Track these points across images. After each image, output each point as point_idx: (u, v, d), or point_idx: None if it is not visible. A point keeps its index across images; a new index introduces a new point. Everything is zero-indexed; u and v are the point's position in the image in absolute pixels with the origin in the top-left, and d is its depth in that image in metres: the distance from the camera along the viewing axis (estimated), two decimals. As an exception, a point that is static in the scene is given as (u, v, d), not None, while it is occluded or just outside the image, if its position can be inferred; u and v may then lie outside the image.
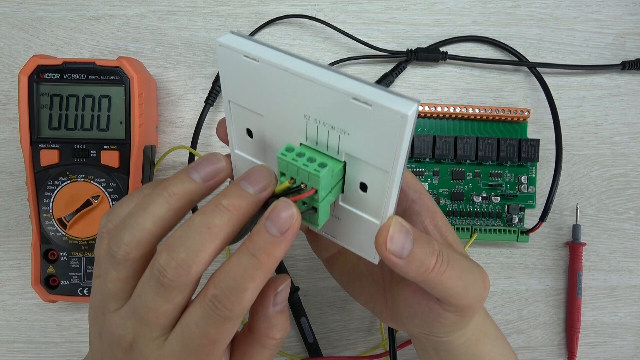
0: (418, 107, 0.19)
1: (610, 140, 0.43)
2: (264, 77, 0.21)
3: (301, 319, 0.40)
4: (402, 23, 0.42)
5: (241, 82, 0.22)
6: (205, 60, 0.41)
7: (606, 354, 0.43)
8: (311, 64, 0.20)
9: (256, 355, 0.23)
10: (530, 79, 0.43)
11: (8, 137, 0.40)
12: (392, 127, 0.19)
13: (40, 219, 0.36)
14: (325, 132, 0.21)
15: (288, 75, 0.20)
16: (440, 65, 0.42)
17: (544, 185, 0.42)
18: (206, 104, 0.40)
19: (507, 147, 0.41)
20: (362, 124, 0.20)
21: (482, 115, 0.41)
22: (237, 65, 0.21)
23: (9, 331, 0.40)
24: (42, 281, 0.37)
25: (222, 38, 0.21)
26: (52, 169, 0.36)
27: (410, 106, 0.19)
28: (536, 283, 0.43)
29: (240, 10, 0.41)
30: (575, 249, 0.42)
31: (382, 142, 0.20)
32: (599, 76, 0.43)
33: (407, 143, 0.20)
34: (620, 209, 0.43)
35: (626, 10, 0.43)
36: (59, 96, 0.36)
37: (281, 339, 0.23)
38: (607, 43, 0.43)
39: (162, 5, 0.41)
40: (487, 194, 0.42)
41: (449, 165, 0.42)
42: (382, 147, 0.20)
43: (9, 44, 0.40)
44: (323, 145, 0.22)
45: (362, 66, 0.42)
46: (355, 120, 0.20)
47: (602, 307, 0.43)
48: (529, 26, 0.43)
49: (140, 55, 0.41)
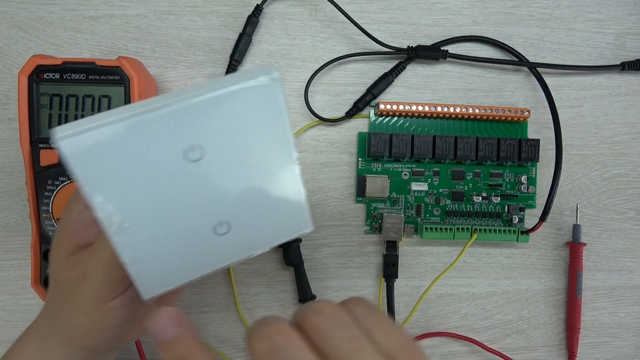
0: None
1: (610, 140, 0.43)
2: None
3: None
4: (402, 23, 0.42)
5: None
6: (205, 60, 0.41)
7: (606, 354, 0.43)
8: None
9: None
10: (530, 79, 0.43)
11: (8, 137, 0.40)
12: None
13: (40, 219, 0.36)
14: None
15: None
16: (440, 65, 0.42)
17: (544, 185, 0.42)
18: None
19: (507, 147, 0.41)
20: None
21: (482, 115, 0.41)
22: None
23: (9, 331, 0.40)
24: (42, 281, 0.37)
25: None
26: (52, 169, 0.36)
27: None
28: (536, 283, 0.43)
29: (240, 10, 0.41)
30: (575, 249, 0.42)
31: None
32: (599, 76, 0.43)
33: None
34: (620, 209, 0.43)
35: (626, 10, 0.43)
36: (58, 96, 0.36)
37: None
38: (607, 43, 0.43)
39: (162, 5, 0.41)
40: (487, 194, 0.42)
41: (449, 165, 0.42)
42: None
43: (8, 44, 0.40)
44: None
45: (362, 64, 0.42)
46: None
47: (602, 307, 0.43)
48: (529, 26, 0.43)
49: (140, 55, 0.41)
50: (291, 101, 0.42)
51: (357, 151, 0.42)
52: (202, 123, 0.21)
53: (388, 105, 0.40)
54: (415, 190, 0.41)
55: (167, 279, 0.23)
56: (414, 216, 0.41)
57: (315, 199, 0.41)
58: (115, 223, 0.21)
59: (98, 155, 0.20)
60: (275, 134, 0.23)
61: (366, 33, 0.40)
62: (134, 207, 0.21)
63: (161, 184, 0.21)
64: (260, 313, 0.41)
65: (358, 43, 0.42)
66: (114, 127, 0.20)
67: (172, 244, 0.23)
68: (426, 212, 0.41)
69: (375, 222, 0.41)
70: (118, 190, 0.21)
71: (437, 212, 0.41)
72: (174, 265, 0.23)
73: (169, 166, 0.21)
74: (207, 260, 0.24)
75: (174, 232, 0.23)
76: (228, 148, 0.22)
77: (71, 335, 0.27)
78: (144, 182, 0.21)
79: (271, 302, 0.41)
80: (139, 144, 0.20)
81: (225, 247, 0.24)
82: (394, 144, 0.40)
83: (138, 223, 0.22)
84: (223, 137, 0.22)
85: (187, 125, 0.21)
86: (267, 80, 0.21)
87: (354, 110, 0.41)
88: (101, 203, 0.21)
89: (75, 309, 0.26)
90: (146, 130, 0.20)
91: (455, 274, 0.42)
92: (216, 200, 0.23)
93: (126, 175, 0.21)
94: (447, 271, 0.39)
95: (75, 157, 0.20)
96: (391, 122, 0.42)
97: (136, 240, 0.22)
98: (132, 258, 0.22)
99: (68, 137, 0.19)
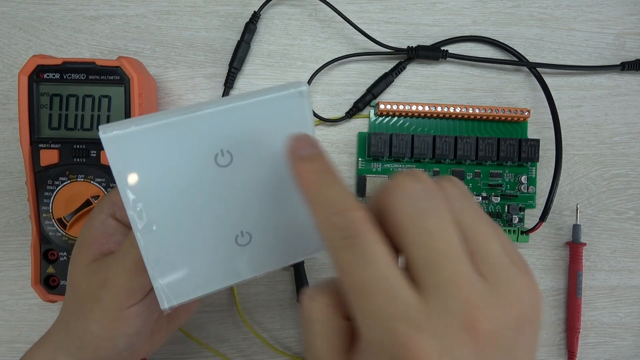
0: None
1: (610, 140, 0.43)
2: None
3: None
4: (402, 23, 0.42)
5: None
6: (205, 60, 0.41)
7: (606, 354, 0.43)
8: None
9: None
10: (530, 79, 0.43)
11: (8, 137, 0.40)
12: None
13: (40, 219, 0.36)
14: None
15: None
16: (440, 65, 0.42)
17: (544, 185, 0.42)
18: (225, 87, 0.40)
19: (507, 147, 0.41)
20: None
21: (482, 115, 0.41)
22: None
23: (9, 331, 0.40)
24: (42, 281, 0.37)
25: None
26: (52, 169, 0.36)
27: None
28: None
29: (240, 10, 0.41)
30: (575, 249, 0.42)
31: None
32: (599, 76, 0.43)
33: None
34: (620, 209, 0.43)
35: (626, 10, 0.43)
36: (58, 96, 0.36)
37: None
38: (607, 43, 0.43)
39: (162, 5, 0.41)
40: (487, 194, 0.42)
41: (449, 165, 0.42)
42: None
43: (9, 43, 0.40)
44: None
45: (362, 64, 0.42)
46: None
47: (602, 307, 0.43)
48: (529, 26, 0.43)
49: (140, 55, 0.41)
50: (291, 101, 0.42)
51: (357, 151, 0.42)
52: (234, 128, 0.22)
53: (388, 105, 0.40)
54: (415, 190, 0.41)
55: (186, 290, 0.24)
56: (414, 216, 0.41)
57: (315, 199, 0.41)
58: (144, 222, 0.22)
59: (136, 153, 0.21)
60: None
61: (365, 34, 0.40)
62: (162, 210, 0.22)
63: (190, 187, 0.22)
64: (260, 313, 0.41)
65: (358, 43, 0.42)
66: (154, 126, 0.21)
67: (194, 251, 0.23)
68: (426, 212, 0.41)
69: (375, 222, 0.41)
70: (151, 190, 0.22)
71: (437, 212, 0.41)
72: (194, 275, 0.24)
73: (199, 169, 0.22)
74: (225, 272, 0.24)
75: (198, 239, 0.23)
76: (255, 156, 0.23)
77: (83, 345, 0.27)
78: (174, 185, 0.22)
79: (271, 302, 0.41)
80: (173, 143, 0.22)
81: (244, 259, 0.24)
82: (394, 144, 0.40)
83: (165, 227, 0.22)
84: (251, 145, 0.23)
85: (220, 129, 0.22)
86: (296, 93, 0.23)
87: (354, 110, 0.41)
88: (133, 200, 0.22)
89: (92, 317, 0.26)
90: (181, 130, 0.22)
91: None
92: (240, 208, 0.23)
93: (160, 175, 0.22)
94: (447, 271, 0.39)
95: (114, 152, 0.21)
96: (391, 122, 0.42)
97: (161, 243, 0.23)
98: (155, 261, 0.23)
99: (109, 130, 0.21)
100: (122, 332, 0.26)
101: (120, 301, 0.26)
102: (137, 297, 0.26)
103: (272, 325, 0.41)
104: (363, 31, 0.40)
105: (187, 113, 0.21)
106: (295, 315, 0.41)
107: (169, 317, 0.31)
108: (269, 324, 0.41)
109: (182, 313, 0.32)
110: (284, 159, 0.22)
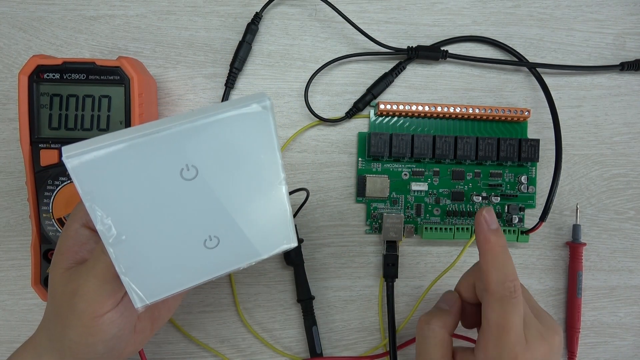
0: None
1: (610, 140, 0.43)
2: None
3: (313, 327, 0.40)
4: (402, 23, 0.42)
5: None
6: (205, 60, 0.41)
7: (606, 354, 0.43)
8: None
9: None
10: (530, 79, 0.43)
11: (8, 137, 0.40)
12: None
13: (40, 219, 0.36)
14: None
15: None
16: (440, 65, 0.42)
17: (544, 185, 0.42)
18: (226, 87, 0.41)
19: (507, 147, 0.41)
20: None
21: (482, 115, 0.41)
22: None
23: (9, 331, 0.40)
24: (42, 281, 0.37)
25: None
26: (52, 169, 0.36)
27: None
28: (536, 283, 0.43)
29: (240, 10, 0.41)
30: (575, 249, 0.42)
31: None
32: (598, 76, 0.43)
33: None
34: (620, 209, 0.43)
35: (626, 10, 0.43)
36: (59, 96, 0.36)
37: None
38: (607, 43, 0.43)
39: (162, 5, 0.41)
40: (487, 194, 0.42)
41: (449, 165, 0.42)
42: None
43: (9, 44, 0.40)
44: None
45: (362, 64, 0.42)
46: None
47: (602, 307, 0.43)
48: (529, 26, 0.43)
49: (140, 55, 0.41)
50: (291, 101, 0.42)
51: (357, 151, 0.42)
52: (198, 145, 0.23)
53: (388, 105, 0.40)
54: (415, 190, 0.41)
55: (157, 289, 0.25)
56: (414, 216, 0.41)
57: (315, 199, 0.41)
58: (113, 235, 0.23)
59: (100, 173, 0.22)
60: (265, 157, 0.25)
61: (365, 34, 0.40)
62: (131, 221, 0.23)
63: (157, 200, 0.23)
64: (260, 313, 0.41)
65: (358, 43, 0.42)
66: (117, 147, 0.22)
67: (164, 257, 0.25)
68: (426, 212, 0.41)
69: (375, 222, 0.41)
70: (117, 205, 0.23)
71: (437, 212, 0.42)
72: (165, 277, 0.25)
73: (165, 184, 0.23)
74: (196, 272, 0.26)
75: (167, 246, 0.24)
76: (221, 169, 0.24)
77: (64, 349, 0.28)
78: (141, 199, 0.23)
79: (271, 302, 0.41)
80: (138, 163, 0.22)
81: (213, 260, 0.26)
82: (394, 144, 0.40)
83: (134, 236, 0.23)
84: (216, 159, 0.24)
85: (184, 147, 0.23)
86: (259, 108, 0.24)
87: (354, 110, 0.41)
88: (101, 216, 0.23)
89: (68, 324, 0.27)
90: (146, 151, 0.22)
91: (455, 274, 0.42)
92: (207, 216, 0.25)
93: (125, 191, 0.23)
94: (447, 271, 0.39)
95: (79, 174, 0.22)
96: (391, 122, 0.42)
97: (132, 251, 0.24)
98: (126, 268, 0.24)
99: (74, 156, 0.21)
100: (98, 339, 0.27)
101: (94, 308, 0.26)
102: (110, 304, 0.27)
103: (272, 325, 0.41)
104: (363, 31, 0.40)
105: (151, 133, 0.22)
106: (295, 315, 0.41)
107: (152, 317, 0.31)
108: (269, 324, 0.41)
109: (164, 312, 0.32)
110: (252, 168, 0.24)
